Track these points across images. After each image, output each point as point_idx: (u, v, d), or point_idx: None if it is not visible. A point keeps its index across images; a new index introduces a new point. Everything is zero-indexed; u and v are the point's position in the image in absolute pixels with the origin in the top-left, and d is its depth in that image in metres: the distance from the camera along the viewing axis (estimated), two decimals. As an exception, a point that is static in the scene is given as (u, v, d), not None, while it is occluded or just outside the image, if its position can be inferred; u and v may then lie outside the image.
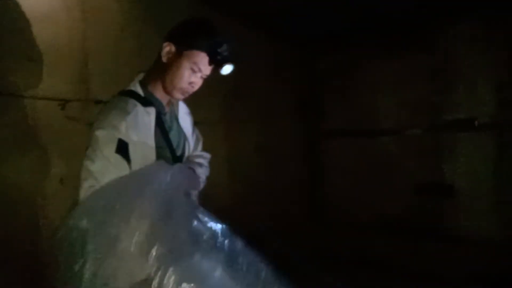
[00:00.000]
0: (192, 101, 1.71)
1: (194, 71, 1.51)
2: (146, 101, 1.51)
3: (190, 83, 1.52)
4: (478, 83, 4.41)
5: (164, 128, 1.56)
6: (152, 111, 1.51)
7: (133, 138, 1.40)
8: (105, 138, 1.37)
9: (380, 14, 4.40)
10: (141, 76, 1.59)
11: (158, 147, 1.49)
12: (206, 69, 1.53)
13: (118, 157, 1.37)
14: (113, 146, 1.36)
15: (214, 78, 1.65)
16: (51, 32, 2.55)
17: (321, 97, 5.68)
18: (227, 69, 1.64)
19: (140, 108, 1.48)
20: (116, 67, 2.97)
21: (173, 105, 1.69)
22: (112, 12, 2.98)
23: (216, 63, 1.54)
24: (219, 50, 1.49)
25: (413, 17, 4.53)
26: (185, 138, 1.69)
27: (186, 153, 1.70)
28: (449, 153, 4.62)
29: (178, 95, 1.56)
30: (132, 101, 1.48)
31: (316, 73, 5.68)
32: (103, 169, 1.34)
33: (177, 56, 1.50)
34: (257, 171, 4.62)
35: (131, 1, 3.11)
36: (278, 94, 5.07)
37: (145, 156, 1.44)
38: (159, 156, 1.48)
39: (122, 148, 1.37)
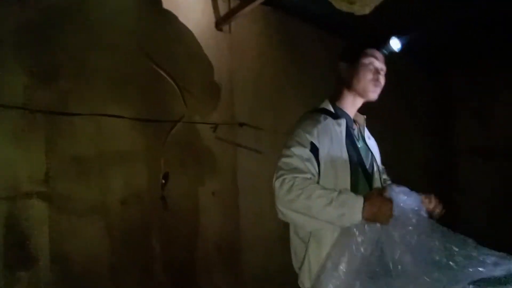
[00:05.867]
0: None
1: (370, 68, 1.71)
2: (336, 115, 1.74)
3: (374, 75, 1.72)
4: None
5: (353, 140, 1.74)
6: (342, 122, 1.71)
7: (324, 144, 1.61)
8: (301, 139, 1.60)
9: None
10: (328, 97, 1.83)
11: (349, 156, 1.67)
12: (378, 56, 1.73)
13: (312, 155, 1.58)
14: (307, 147, 1.58)
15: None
16: (205, 67, 2.97)
17: (455, 116, 5.48)
18: (395, 43, 1.82)
19: (330, 120, 1.70)
20: (256, 95, 3.33)
21: (359, 126, 1.87)
22: (254, 47, 3.35)
23: (383, 45, 1.77)
24: (379, 36, 1.77)
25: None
26: (373, 157, 1.82)
27: (376, 172, 1.81)
28: None
29: (371, 91, 1.74)
30: (323, 115, 1.72)
31: (448, 91, 5.51)
32: (296, 162, 1.55)
33: (353, 66, 1.74)
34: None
35: (271, 38, 3.46)
36: (411, 112, 5.04)
37: (337, 164, 1.62)
38: (352, 164, 1.66)
39: (314, 151, 1.59)
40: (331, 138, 1.64)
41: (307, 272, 1.63)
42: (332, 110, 1.76)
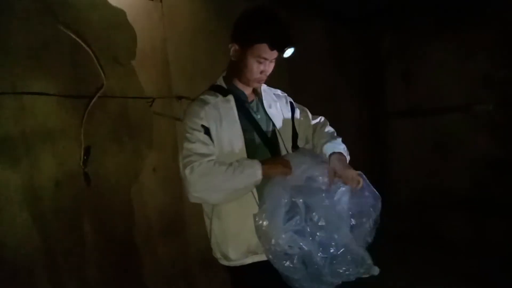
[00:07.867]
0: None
1: (261, 62, 1.70)
2: (227, 92, 1.77)
3: (261, 72, 1.73)
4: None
5: (248, 113, 1.78)
6: (231, 98, 1.75)
7: (213, 124, 1.68)
8: (193, 125, 1.66)
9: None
10: (224, 72, 1.87)
11: (244, 130, 1.72)
12: (272, 56, 1.69)
13: (207, 137, 1.66)
14: (202, 130, 1.66)
15: (276, 67, 1.82)
16: (135, 37, 2.81)
17: (383, 77, 5.61)
18: (288, 52, 1.76)
19: (220, 98, 1.75)
20: (193, 65, 3.22)
21: (258, 94, 1.88)
22: (187, 15, 3.21)
23: (278, 50, 1.68)
24: (277, 37, 1.64)
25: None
26: (274, 126, 1.84)
27: (279, 140, 1.84)
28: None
29: (255, 84, 1.80)
30: (214, 93, 1.77)
31: (377, 53, 5.63)
32: (198, 147, 1.62)
33: (242, 54, 1.70)
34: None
35: (204, 2, 3.34)
36: (339, 76, 5.11)
37: (231, 139, 1.70)
38: (246, 137, 1.73)
39: (206, 131, 1.66)
40: (220, 116, 1.70)
41: (216, 243, 1.82)
42: (224, 86, 1.81)
